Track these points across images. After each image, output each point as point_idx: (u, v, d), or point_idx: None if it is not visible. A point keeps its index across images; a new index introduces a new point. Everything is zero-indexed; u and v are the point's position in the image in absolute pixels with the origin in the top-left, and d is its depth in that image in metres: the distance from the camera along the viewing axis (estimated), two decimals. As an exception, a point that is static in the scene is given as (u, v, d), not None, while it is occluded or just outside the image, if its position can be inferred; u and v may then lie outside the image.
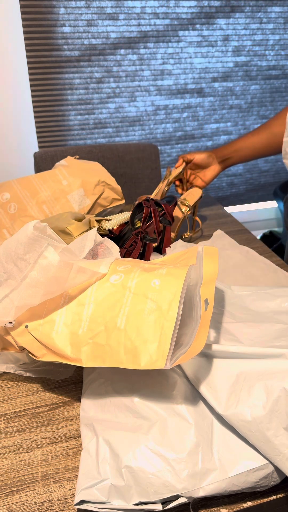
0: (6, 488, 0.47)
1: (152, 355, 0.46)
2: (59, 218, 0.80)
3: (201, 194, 1.04)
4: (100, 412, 0.51)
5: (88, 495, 0.43)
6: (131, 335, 0.48)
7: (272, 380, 0.45)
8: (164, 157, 2.00)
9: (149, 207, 0.83)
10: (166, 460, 0.44)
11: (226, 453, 0.45)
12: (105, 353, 0.49)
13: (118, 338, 0.48)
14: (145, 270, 0.54)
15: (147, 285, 0.51)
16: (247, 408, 0.44)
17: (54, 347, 0.51)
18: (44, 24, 1.57)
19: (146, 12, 1.67)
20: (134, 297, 0.50)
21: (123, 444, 0.46)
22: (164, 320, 0.48)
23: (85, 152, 1.35)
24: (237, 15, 1.78)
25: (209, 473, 0.43)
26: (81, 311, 0.52)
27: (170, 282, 0.51)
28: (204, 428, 0.46)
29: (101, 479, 0.44)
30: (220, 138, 2.05)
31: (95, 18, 1.62)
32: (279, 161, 2.23)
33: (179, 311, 0.48)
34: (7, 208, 0.89)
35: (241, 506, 0.45)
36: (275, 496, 0.46)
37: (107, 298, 0.51)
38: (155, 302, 0.49)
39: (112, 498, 0.43)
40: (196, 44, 1.79)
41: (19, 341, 0.53)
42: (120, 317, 0.50)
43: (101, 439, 0.47)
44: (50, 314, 0.53)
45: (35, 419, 0.55)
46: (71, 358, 0.50)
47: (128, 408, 0.50)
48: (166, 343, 0.46)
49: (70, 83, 1.70)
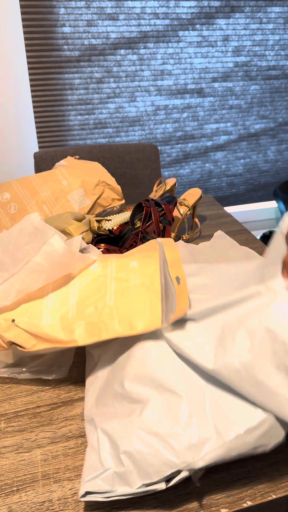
0: (6, 488, 0.47)
1: (146, 319, 0.51)
2: (59, 218, 0.80)
3: (201, 194, 1.04)
4: (100, 406, 0.51)
5: (92, 486, 0.43)
6: (122, 309, 0.52)
7: (253, 321, 0.44)
8: (164, 157, 2.00)
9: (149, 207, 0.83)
10: (162, 438, 0.43)
11: (221, 419, 0.43)
12: (99, 329, 0.51)
13: (110, 314, 0.52)
14: (120, 257, 0.59)
15: (126, 267, 0.56)
16: (234, 357, 0.43)
17: (46, 335, 0.52)
18: (44, 24, 1.57)
19: (146, 12, 1.67)
20: (117, 278, 0.55)
21: (119, 431, 0.45)
22: (149, 292, 0.53)
23: (85, 152, 1.35)
24: (237, 15, 1.78)
25: (206, 442, 0.42)
26: (67, 298, 0.54)
27: (147, 262, 0.57)
28: (196, 398, 0.45)
29: (104, 469, 0.43)
30: (220, 138, 2.05)
31: (95, 18, 1.62)
32: (279, 161, 2.23)
33: (162, 282, 0.53)
34: (7, 208, 0.89)
35: (241, 506, 0.45)
36: (275, 496, 0.46)
37: (90, 284, 0.55)
38: (137, 279, 0.54)
39: (117, 486, 0.43)
40: (196, 44, 1.79)
41: (7, 336, 0.53)
42: (108, 296, 0.53)
43: (99, 430, 0.47)
44: (35, 306, 0.54)
45: (35, 419, 0.55)
46: (65, 341, 0.52)
47: (122, 395, 0.49)
48: (157, 307, 0.52)
49: (70, 83, 1.70)
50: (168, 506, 0.45)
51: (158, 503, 0.45)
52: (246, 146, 2.12)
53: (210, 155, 2.09)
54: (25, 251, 0.56)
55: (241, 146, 2.11)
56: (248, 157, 2.16)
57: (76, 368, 0.63)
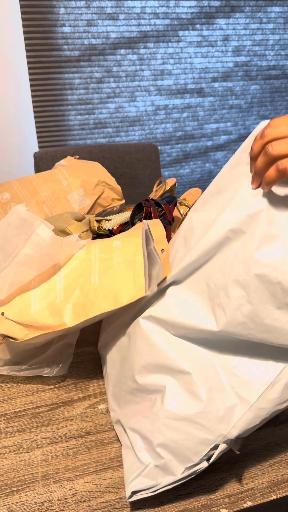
0: (6, 488, 0.47)
1: (130, 291, 0.51)
2: (59, 218, 0.80)
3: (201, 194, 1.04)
4: (121, 405, 0.51)
5: (137, 484, 0.43)
6: (107, 285, 0.52)
7: (239, 271, 0.43)
8: (164, 157, 2.00)
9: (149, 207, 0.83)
10: (190, 420, 0.43)
11: (239, 384, 0.43)
12: (86, 308, 0.52)
13: (95, 292, 0.52)
14: (104, 240, 0.60)
15: (110, 247, 0.57)
16: (234, 311, 0.43)
17: (36, 322, 0.52)
18: (44, 24, 1.57)
19: (146, 12, 1.67)
20: (101, 259, 0.55)
21: (147, 426, 0.45)
22: (133, 265, 0.54)
23: (85, 152, 1.35)
24: (237, 15, 1.78)
25: (233, 410, 0.42)
26: (54, 286, 0.54)
27: (129, 240, 0.58)
28: (207, 370, 0.45)
29: (144, 466, 0.44)
30: (220, 138, 2.05)
31: (95, 18, 1.62)
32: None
33: (144, 254, 0.54)
34: (7, 208, 0.89)
35: (241, 506, 0.45)
36: (275, 496, 0.45)
37: (75, 268, 0.55)
38: (120, 256, 0.55)
39: (160, 478, 0.43)
40: (196, 44, 1.79)
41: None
42: (92, 276, 0.54)
43: (128, 430, 0.47)
44: (23, 296, 0.54)
45: (35, 419, 0.55)
46: (54, 326, 0.52)
47: (138, 390, 0.49)
48: (140, 278, 0.52)
49: (70, 83, 1.70)
50: (168, 506, 0.45)
51: (158, 503, 0.45)
52: (246, 146, 2.12)
53: (210, 155, 2.08)
54: (14, 244, 0.55)
55: (241, 146, 2.11)
56: (248, 157, 2.16)
57: (76, 369, 0.63)
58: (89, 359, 0.65)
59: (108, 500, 0.45)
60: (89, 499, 0.46)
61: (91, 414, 0.56)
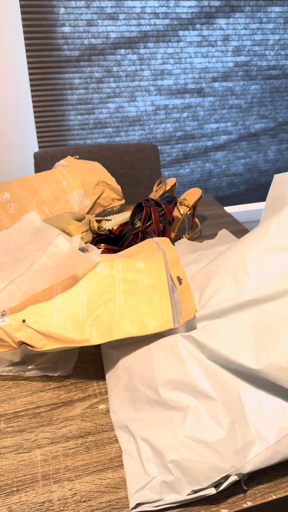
0: (6, 488, 0.47)
1: (158, 320, 0.52)
2: (59, 218, 0.80)
3: (201, 194, 1.04)
4: (132, 411, 0.51)
5: (141, 496, 0.43)
6: (133, 309, 0.53)
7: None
8: (164, 157, 2.00)
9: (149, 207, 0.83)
10: (208, 445, 0.44)
11: (262, 423, 0.44)
12: (111, 329, 0.52)
13: (121, 315, 0.53)
14: (125, 257, 0.60)
15: (133, 267, 0.57)
16: (280, 355, 0.44)
17: (57, 334, 0.53)
18: (44, 24, 1.57)
19: (146, 12, 1.67)
20: (125, 279, 0.56)
21: (162, 440, 0.46)
22: (158, 292, 0.54)
23: (85, 152, 1.35)
24: (237, 15, 1.78)
25: (251, 446, 0.43)
26: (76, 299, 0.55)
27: (152, 263, 0.58)
28: (233, 403, 0.46)
29: (150, 478, 0.44)
30: (220, 138, 2.05)
31: (95, 18, 1.62)
32: (279, 161, 2.23)
33: (169, 283, 0.56)
34: (7, 208, 0.89)
35: (241, 506, 0.45)
36: (275, 496, 0.45)
37: (99, 284, 0.55)
38: (145, 280, 0.55)
39: (165, 494, 0.43)
40: (196, 44, 1.79)
41: (18, 336, 0.54)
42: (117, 297, 0.54)
43: (139, 439, 0.47)
44: (45, 308, 0.55)
45: (35, 419, 0.55)
46: (77, 341, 0.53)
47: (158, 402, 0.49)
48: (167, 308, 0.53)
49: (70, 83, 1.70)
50: (168, 506, 0.45)
51: (158, 504, 0.45)
52: (246, 146, 2.12)
53: (210, 155, 2.08)
54: (26, 252, 0.56)
55: (241, 146, 2.11)
56: (248, 157, 2.16)
57: (76, 369, 0.63)
58: (89, 359, 0.65)
59: (108, 500, 0.45)
60: (89, 499, 0.46)
61: (91, 414, 0.56)
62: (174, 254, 0.62)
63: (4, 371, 0.60)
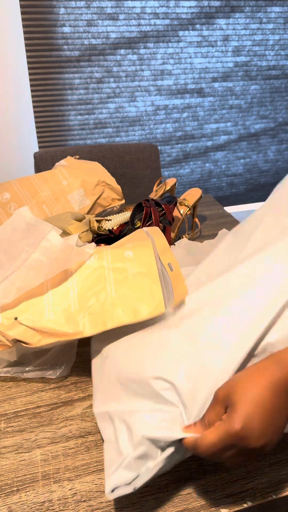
0: (6, 488, 0.47)
1: (149, 305, 0.52)
2: (59, 218, 0.80)
3: (201, 194, 1.04)
4: (115, 405, 0.50)
5: (117, 477, 0.42)
6: (124, 297, 0.53)
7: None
8: (164, 157, 2.00)
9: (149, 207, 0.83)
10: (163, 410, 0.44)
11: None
12: (104, 318, 0.52)
13: (112, 304, 0.53)
14: (113, 247, 0.60)
15: (122, 257, 0.57)
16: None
17: (50, 329, 0.53)
18: (44, 24, 1.57)
19: (146, 12, 1.67)
20: (114, 269, 0.56)
21: (138, 419, 0.44)
22: (148, 279, 0.54)
23: (85, 152, 1.35)
24: (237, 15, 1.78)
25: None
26: (67, 293, 0.55)
27: (141, 251, 0.58)
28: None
29: (124, 457, 0.42)
30: (220, 138, 2.05)
31: (95, 18, 1.62)
32: (279, 161, 2.23)
33: (159, 269, 0.56)
34: (7, 208, 0.89)
35: (241, 506, 0.45)
36: (275, 496, 0.45)
37: (89, 276, 0.56)
38: (134, 268, 0.56)
39: (141, 466, 0.42)
40: (196, 44, 1.79)
41: (11, 334, 0.54)
42: (108, 287, 0.54)
43: (116, 421, 0.46)
44: (36, 302, 0.55)
45: (35, 419, 0.55)
46: (70, 334, 0.53)
47: (143, 396, 0.47)
48: (158, 293, 0.53)
49: (70, 83, 1.70)
50: (168, 506, 0.45)
51: (158, 503, 0.45)
52: (246, 146, 2.12)
53: (210, 155, 2.09)
54: (19, 248, 0.56)
55: (241, 146, 2.11)
56: (248, 157, 2.16)
57: (76, 369, 0.63)
58: (89, 359, 0.65)
59: (108, 500, 0.45)
60: (89, 499, 0.46)
61: (91, 414, 0.56)
62: (164, 242, 0.62)
63: (2, 372, 0.60)
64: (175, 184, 1.04)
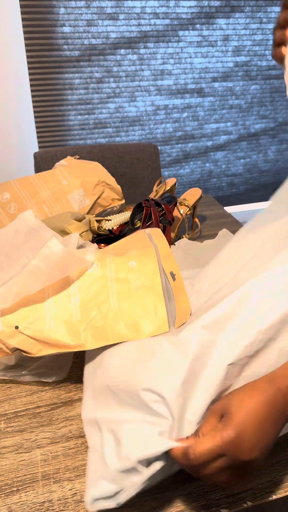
0: (6, 488, 0.47)
1: (153, 323, 0.51)
2: (59, 218, 0.80)
3: (201, 194, 1.04)
4: (104, 413, 0.49)
5: (97, 489, 0.40)
6: (127, 312, 0.52)
7: None
8: (164, 157, 2.00)
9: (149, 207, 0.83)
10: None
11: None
12: (106, 332, 0.52)
13: (115, 317, 0.52)
14: (116, 255, 0.59)
15: (125, 267, 0.56)
16: None
17: (51, 340, 0.52)
18: (44, 24, 1.57)
19: (146, 12, 1.67)
20: (118, 279, 0.55)
21: (126, 430, 0.43)
22: (152, 294, 0.53)
23: (85, 152, 1.35)
24: (237, 15, 1.78)
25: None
26: (68, 302, 0.54)
27: (145, 261, 0.57)
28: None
29: (107, 468, 0.41)
30: (220, 138, 2.05)
31: (95, 18, 1.62)
32: (279, 161, 2.23)
33: (162, 283, 0.54)
34: (7, 208, 0.89)
35: (241, 506, 0.45)
36: (275, 496, 0.45)
37: (91, 286, 0.55)
38: (138, 280, 0.55)
39: (124, 480, 0.41)
40: (196, 44, 1.79)
41: (11, 343, 0.53)
42: (111, 299, 0.54)
43: (104, 430, 0.45)
44: (37, 311, 0.54)
45: (35, 419, 0.55)
46: (72, 346, 0.52)
47: (134, 406, 0.46)
48: (162, 310, 0.52)
49: (70, 83, 1.70)
50: (168, 506, 0.45)
51: (158, 503, 0.45)
52: (246, 146, 2.12)
53: (210, 155, 2.09)
54: (20, 251, 0.55)
55: (241, 146, 2.11)
56: (248, 157, 2.16)
57: (76, 369, 0.63)
58: (89, 359, 0.65)
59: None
60: (89, 499, 0.45)
61: (91, 414, 0.56)
62: (166, 247, 0.61)
63: None
64: (175, 184, 1.04)
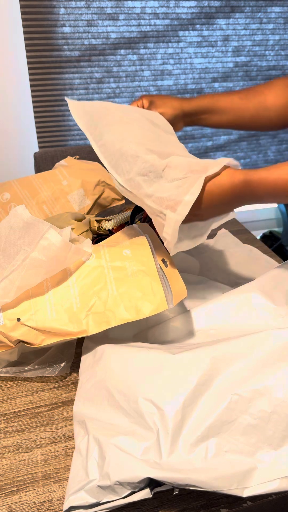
0: (6, 488, 0.47)
1: (152, 303, 0.53)
2: (59, 218, 0.80)
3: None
4: (95, 409, 0.49)
5: (77, 499, 0.42)
6: (125, 295, 0.54)
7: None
8: (164, 157, 2.00)
9: (149, 207, 0.83)
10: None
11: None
12: (107, 317, 0.53)
13: (114, 302, 0.54)
14: (109, 246, 0.61)
15: (120, 256, 0.58)
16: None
17: (54, 329, 0.53)
18: (44, 24, 1.57)
19: (146, 12, 1.67)
20: (114, 267, 0.57)
21: (111, 446, 0.44)
22: (148, 277, 0.55)
23: (85, 152, 1.35)
24: (237, 15, 1.78)
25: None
26: (67, 292, 0.55)
27: (139, 249, 0.59)
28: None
29: (88, 480, 0.43)
30: (220, 138, 2.05)
31: (95, 18, 1.62)
32: (279, 161, 2.23)
33: (157, 267, 0.57)
34: (7, 208, 0.89)
35: (241, 506, 0.45)
36: (275, 496, 0.45)
37: (88, 275, 0.56)
38: (133, 266, 0.57)
39: (102, 496, 0.42)
40: (196, 44, 1.79)
41: (14, 335, 0.54)
42: (109, 286, 0.55)
43: (91, 437, 0.46)
44: (38, 303, 0.55)
45: (35, 419, 0.55)
46: (74, 333, 0.53)
47: (126, 411, 0.47)
48: (159, 290, 0.54)
49: (70, 83, 1.70)
50: (168, 506, 0.45)
51: (158, 503, 0.45)
52: (246, 146, 2.12)
53: (210, 155, 2.09)
54: (17, 247, 0.56)
55: (241, 146, 2.11)
56: (248, 157, 2.16)
57: (76, 368, 0.63)
58: (89, 359, 0.65)
59: None
60: (89, 499, 0.45)
61: (91, 414, 0.56)
62: (156, 238, 0.63)
63: (1, 372, 0.60)
64: None
